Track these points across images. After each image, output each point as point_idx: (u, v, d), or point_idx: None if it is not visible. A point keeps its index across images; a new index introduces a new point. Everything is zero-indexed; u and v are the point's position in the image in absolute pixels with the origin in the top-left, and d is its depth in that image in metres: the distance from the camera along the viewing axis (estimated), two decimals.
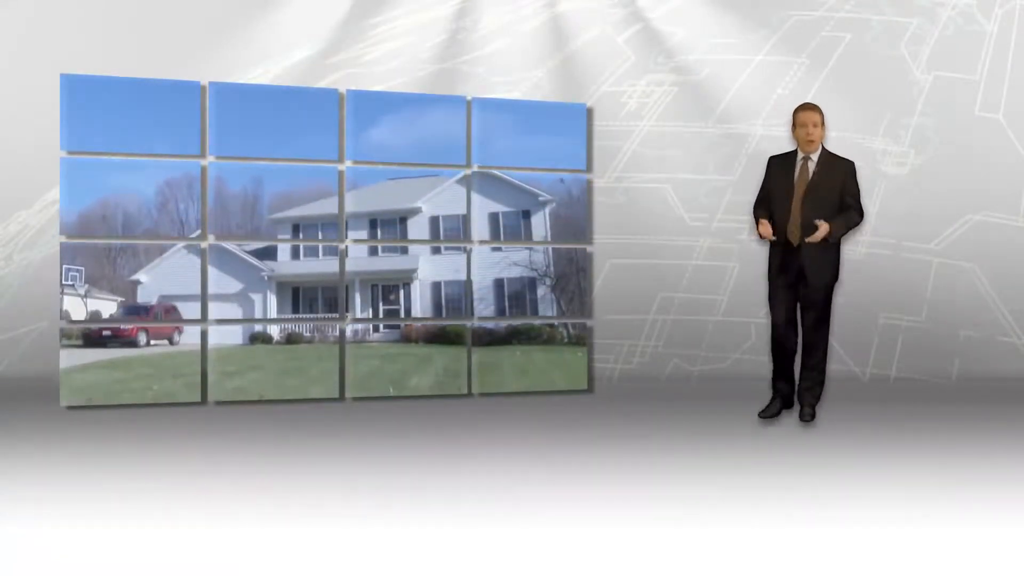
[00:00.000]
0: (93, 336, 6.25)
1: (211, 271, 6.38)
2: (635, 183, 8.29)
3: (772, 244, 5.73)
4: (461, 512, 4.01)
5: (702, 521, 3.88)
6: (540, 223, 7.04)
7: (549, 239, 7.08)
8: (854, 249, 8.03)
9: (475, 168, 6.97)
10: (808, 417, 5.73)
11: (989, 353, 7.94)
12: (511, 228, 6.95)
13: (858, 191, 5.70)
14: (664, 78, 8.44)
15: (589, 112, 7.33)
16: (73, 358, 6.19)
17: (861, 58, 8.32)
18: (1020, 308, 8.02)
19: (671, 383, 7.81)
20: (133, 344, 6.35)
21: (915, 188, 8.22)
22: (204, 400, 6.43)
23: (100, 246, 6.22)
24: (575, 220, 7.16)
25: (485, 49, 8.48)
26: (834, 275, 5.70)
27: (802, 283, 5.65)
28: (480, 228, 6.93)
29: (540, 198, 7.06)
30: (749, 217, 6.12)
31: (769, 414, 5.77)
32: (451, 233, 6.88)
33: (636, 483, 4.52)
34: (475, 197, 6.91)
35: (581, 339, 7.19)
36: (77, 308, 6.15)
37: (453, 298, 6.87)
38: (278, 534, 3.68)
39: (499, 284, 6.92)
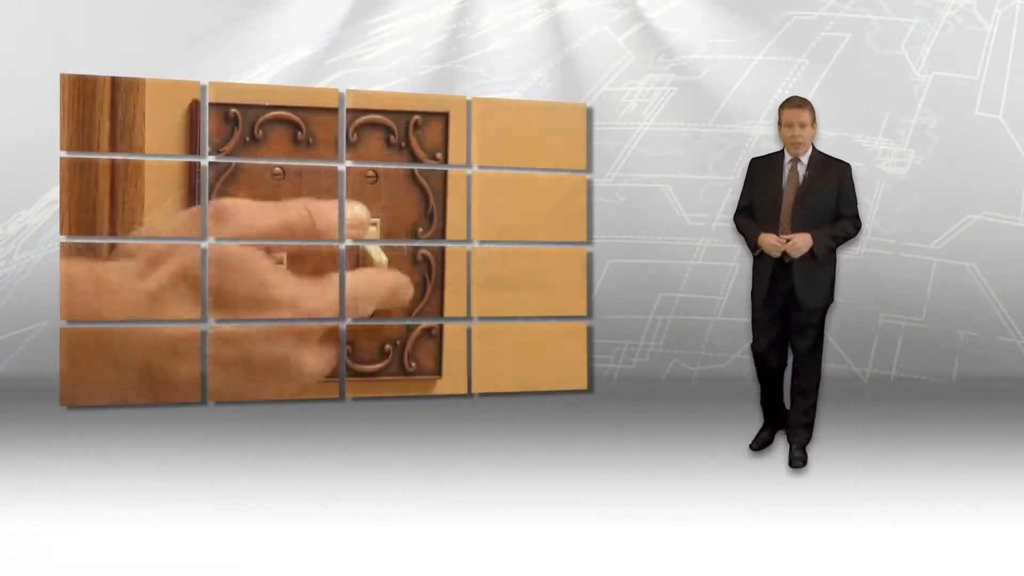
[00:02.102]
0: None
1: None
2: (635, 183, 8.28)
3: (757, 261, 4.90)
4: (461, 512, 4.01)
5: (702, 522, 3.88)
6: None
7: None
8: (854, 249, 8.03)
9: (475, 168, 6.96)
10: (799, 462, 4.81)
11: (989, 353, 7.94)
12: None
13: (855, 198, 4.88)
14: (664, 78, 8.44)
15: (589, 112, 7.34)
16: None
17: (861, 58, 8.31)
18: (1020, 308, 8.01)
19: (671, 383, 7.81)
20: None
21: (915, 188, 8.21)
22: (204, 400, 6.43)
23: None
24: None
25: (485, 49, 8.48)
26: (829, 296, 4.86)
27: (794, 306, 4.81)
28: None
29: None
30: (735, 229, 5.16)
31: (760, 444, 5.06)
32: None
33: (635, 484, 4.52)
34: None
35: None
36: None
37: None
38: (278, 534, 3.68)
39: None
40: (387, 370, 5.80)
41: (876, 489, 4.39)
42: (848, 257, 7.97)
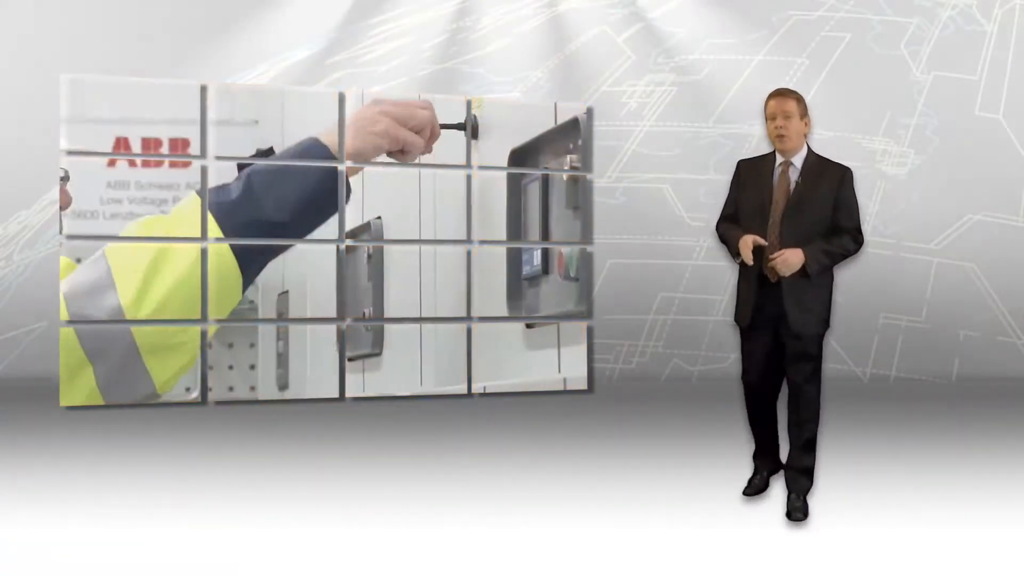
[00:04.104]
0: None
1: None
2: (635, 183, 8.29)
3: (740, 280, 4.15)
4: (461, 512, 4.01)
5: (702, 522, 3.88)
6: None
7: None
8: None
9: (475, 168, 6.96)
10: (800, 514, 3.94)
11: (989, 353, 7.94)
12: None
13: (856, 208, 4.06)
14: (664, 78, 8.45)
15: (589, 112, 7.33)
16: None
17: (861, 58, 8.32)
18: (1020, 308, 8.02)
19: (671, 383, 7.81)
20: None
21: (915, 188, 8.22)
22: (204, 400, 6.42)
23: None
24: None
25: (485, 49, 8.49)
26: (824, 322, 4.07)
27: (785, 333, 4.02)
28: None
29: None
30: (716, 238, 4.36)
31: (754, 491, 4.23)
32: None
33: (635, 484, 4.52)
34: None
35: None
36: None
37: None
38: (278, 534, 3.68)
39: None
40: None
41: (876, 489, 4.39)
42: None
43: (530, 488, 4.41)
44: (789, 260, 3.92)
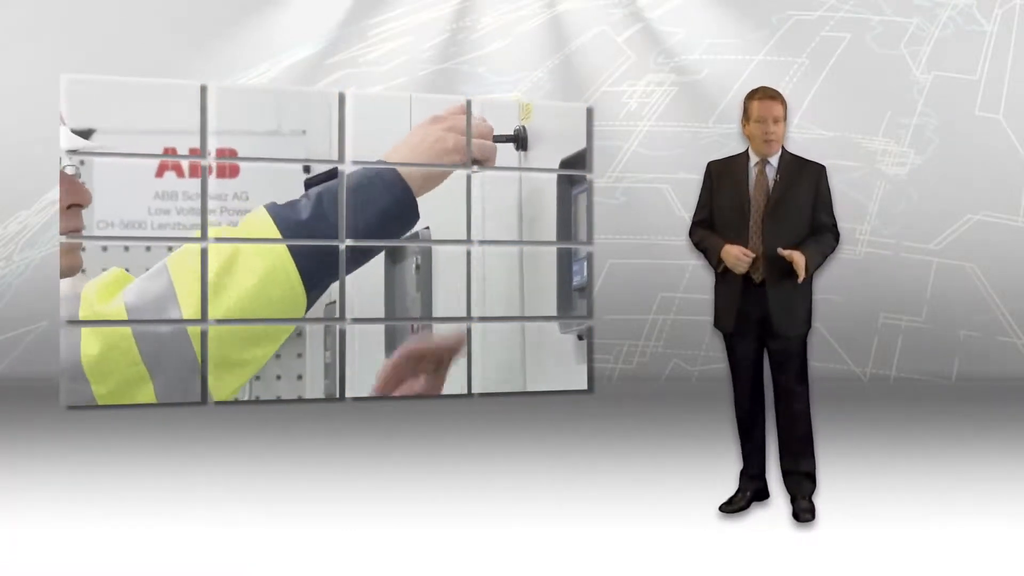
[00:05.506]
0: None
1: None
2: (635, 183, 8.29)
3: (718, 283, 4.13)
4: (460, 512, 4.02)
5: (703, 522, 3.88)
6: None
7: None
8: (854, 249, 8.04)
9: (475, 169, 6.95)
10: (808, 515, 3.89)
11: (989, 353, 7.94)
12: None
13: (832, 204, 4.03)
14: (664, 78, 8.45)
15: (589, 112, 7.33)
16: None
17: (861, 58, 8.32)
18: (1020, 308, 8.02)
19: (671, 383, 7.81)
20: None
21: (915, 188, 8.22)
22: (204, 400, 6.42)
23: None
24: None
25: (485, 49, 8.49)
26: (808, 322, 4.01)
27: (769, 336, 3.98)
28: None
29: None
30: (691, 246, 4.35)
31: (733, 508, 4.03)
32: None
33: (635, 484, 4.52)
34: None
35: None
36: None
37: None
38: (278, 534, 3.68)
39: None
40: None
41: (876, 490, 4.40)
42: (848, 257, 7.97)
43: (530, 488, 4.42)
44: (804, 263, 3.85)
